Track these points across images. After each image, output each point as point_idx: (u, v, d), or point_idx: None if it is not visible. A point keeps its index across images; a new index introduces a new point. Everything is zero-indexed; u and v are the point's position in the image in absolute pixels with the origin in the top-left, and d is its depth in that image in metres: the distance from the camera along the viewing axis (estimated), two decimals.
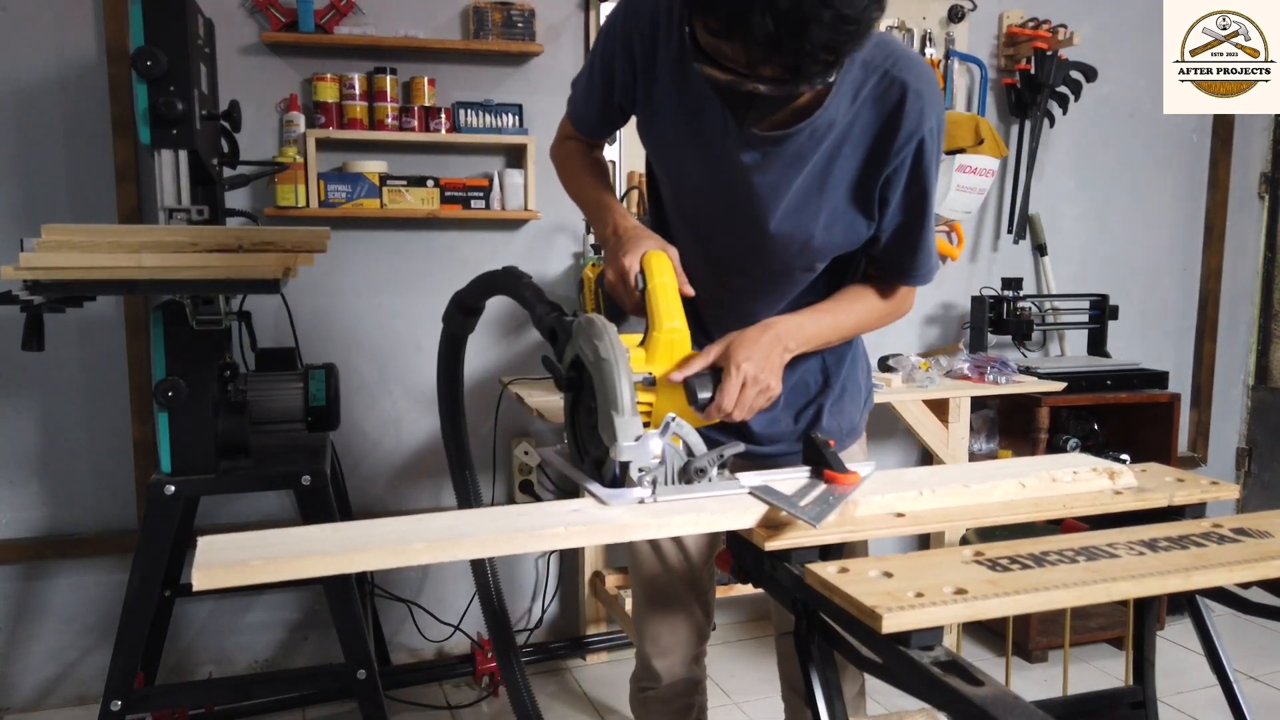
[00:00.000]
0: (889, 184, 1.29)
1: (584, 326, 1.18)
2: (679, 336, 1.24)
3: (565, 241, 2.86)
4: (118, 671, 1.90)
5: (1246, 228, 3.64)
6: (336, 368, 2.18)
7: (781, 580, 1.10)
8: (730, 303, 1.43)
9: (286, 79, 2.59)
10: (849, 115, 1.25)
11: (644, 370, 1.22)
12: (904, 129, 1.24)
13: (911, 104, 1.23)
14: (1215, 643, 1.28)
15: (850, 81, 1.23)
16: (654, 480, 1.13)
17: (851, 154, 1.27)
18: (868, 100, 1.24)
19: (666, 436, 1.15)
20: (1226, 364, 3.67)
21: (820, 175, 1.28)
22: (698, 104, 1.27)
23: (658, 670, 1.64)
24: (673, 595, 1.62)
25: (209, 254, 1.74)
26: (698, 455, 1.17)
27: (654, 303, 1.25)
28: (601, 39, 1.36)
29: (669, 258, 1.28)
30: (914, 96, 1.24)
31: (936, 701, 0.87)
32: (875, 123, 1.25)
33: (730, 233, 1.36)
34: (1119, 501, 1.24)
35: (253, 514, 2.69)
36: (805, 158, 1.27)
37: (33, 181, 2.45)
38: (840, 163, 1.27)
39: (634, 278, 1.26)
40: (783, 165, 1.27)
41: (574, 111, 1.47)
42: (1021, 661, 2.90)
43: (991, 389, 2.78)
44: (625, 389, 1.10)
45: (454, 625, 2.86)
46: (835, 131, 1.25)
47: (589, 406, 1.18)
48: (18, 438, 2.52)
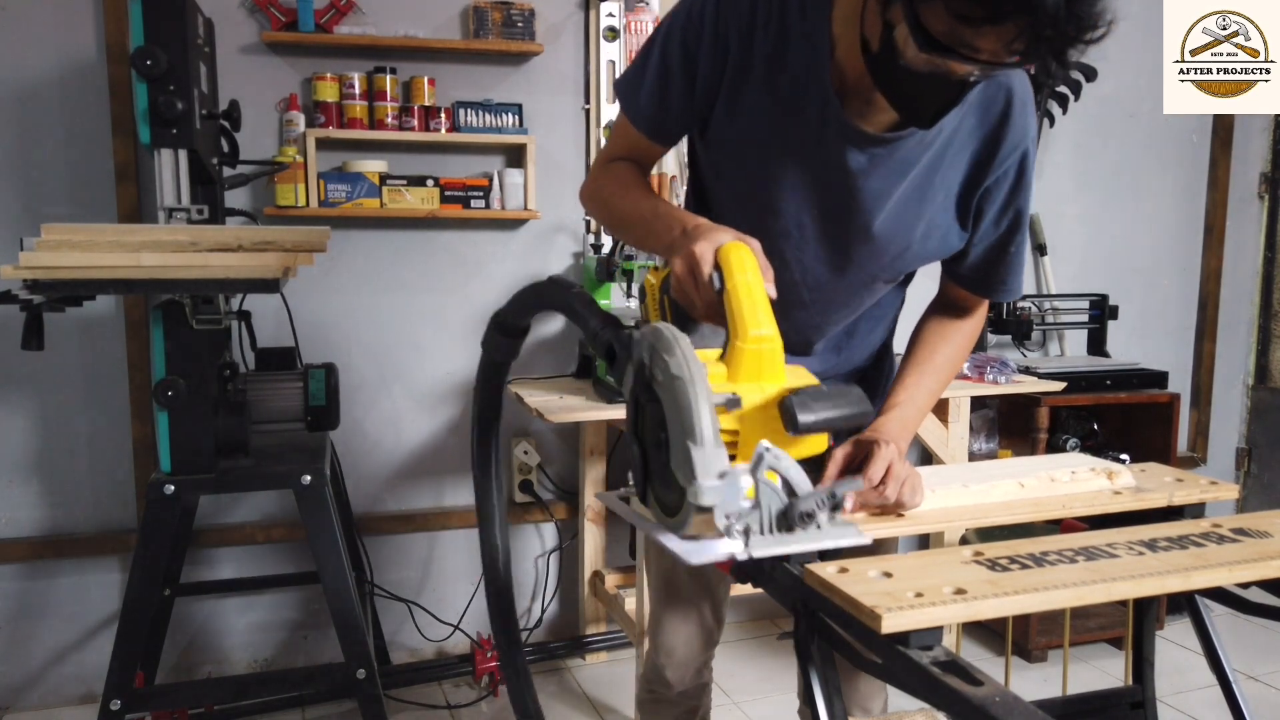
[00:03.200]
0: (988, 195, 1.23)
1: (649, 339, 0.93)
2: (769, 346, 0.97)
3: (565, 241, 2.86)
4: (117, 671, 1.90)
5: (1246, 228, 3.64)
6: (336, 367, 2.18)
7: (781, 580, 1.10)
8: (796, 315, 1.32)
9: (286, 78, 2.59)
10: (955, 120, 1.18)
11: (726, 389, 0.95)
12: (1009, 138, 1.20)
13: (1018, 113, 1.19)
14: (1215, 643, 1.28)
15: None
16: (746, 529, 0.92)
17: (955, 161, 1.21)
18: (974, 106, 1.18)
19: (761, 472, 0.91)
20: (1226, 364, 3.67)
21: (923, 182, 1.22)
22: (795, 101, 1.18)
23: (670, 679, 1.63)
24: (687, 600, 1.60)
25: (209, 254, 1.74)
26: (802, 495, 0.93)
27: (736, 304, 0.98)
28: (681, 28, 1.20)
29: (752, 250, 1.03)
30: (1020, 104, 1.19)
31: (936, 701, 0.87)
32: (980, 129, 1.20)
33: (822, 240, 1.26)
34: (1118, 501, 1.24)
35: (252, 514, 2.69)
36: (912, 163, 1.20)
37: (33, 181, 2.45)
38: (944, 170, 1.22)
39: (708, 272, 1.02)
40: (889, 170, 1.20)
41: (641, 111, 1.26)
42: (1021, 661, 2.90)
43: (991, 389, 2.78)
44: (705, 413, 0.86)
45: (454, 625, 2.86)
46: (942, 137, 1.19)
47: (658, 439, 0.93)
48: (18, 437, 2.52)
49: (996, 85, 1.18)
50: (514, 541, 2.95)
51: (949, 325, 1.34)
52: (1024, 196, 1.25)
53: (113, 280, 1.70)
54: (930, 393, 1.30)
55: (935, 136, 1.19)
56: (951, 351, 1.33)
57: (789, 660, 1.21)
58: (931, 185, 1.22)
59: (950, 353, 1.33)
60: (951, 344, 1.33)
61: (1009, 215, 1.25)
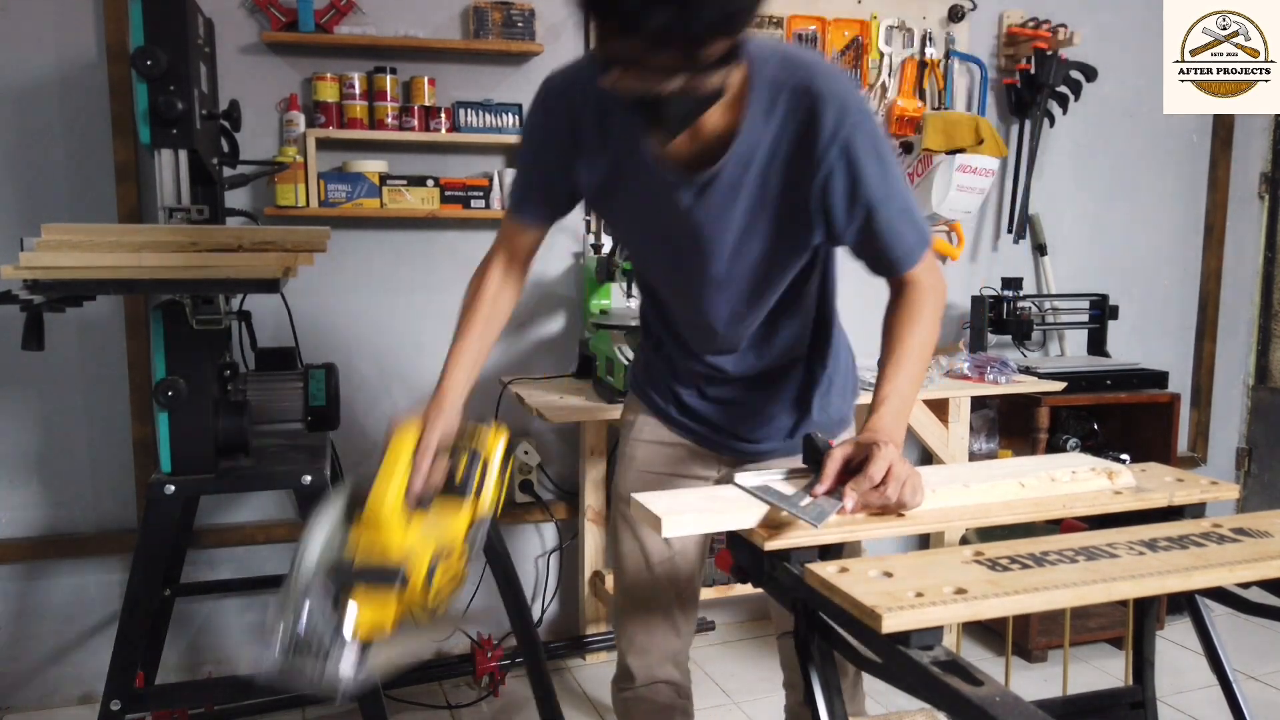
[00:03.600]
0: (827, 191, 1.28)
1: None
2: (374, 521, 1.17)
3: (565, 241, 2.86)
4: (117, 671, 1.90)
5: (1246, 228, 3.64)
6: (336, 367, 2.18)
7: (781, 580, 1.10)
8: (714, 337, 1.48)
9: (286, 78, 2.59)
10: (769, 135, 1.26)
11: None
12: (823, 135, 1.24)
13: (826, 110, 1.23)
14: (1215, 643, 1.28)
15: (762, 103, 1.25)
16: None
17: (781, 169, 1.28)
18: (784, 117, 1.25)
19: None
20: (1226, 364, 3.67)
21: (758, 196, 1.30)
22: (629, 167, 1.33)
23: (632, 669, 1.64)
24: (652, 595, 1.62)
25: (209, 254, 1.74)
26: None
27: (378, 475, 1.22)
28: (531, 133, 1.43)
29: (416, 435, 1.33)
30: (825, 101, 1.24)
31: (936, 701, 0.87)
32: (796, 135, 1.26)
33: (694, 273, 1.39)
34: (1118, 501, 1.24)
35: (252, 514, 2.69)
36: (740, 185, 1.29)
37: (33, 181, 2.45)
38: (772, 180, 1.29)
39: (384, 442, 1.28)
40: (720, 198, 1.30)
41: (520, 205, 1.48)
42: (1021, 661, 2.90)
43: (991, 389, 2.78)
44: None
45: (454, 625, 2.85)
46: (761, 153, 1.27)
47: None
48: (18, 437, 2.52)
49: (801, 91, 1.24)
50: (514, 541, 2.94)
51: (901, 312, 1.37)
52: (866, 184, 1.27)
53: (113, 280, 1.70)
54: (911, 379, 1.33)
55: (754, 154, 1.27)
56: (915, 334, 1.35)
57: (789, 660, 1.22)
58: (767, 196, 1.30)
59: (914, 336, 1.35)
60: (911, 327, 1.36)
61: (859, 204, 1.28)
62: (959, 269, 3.24)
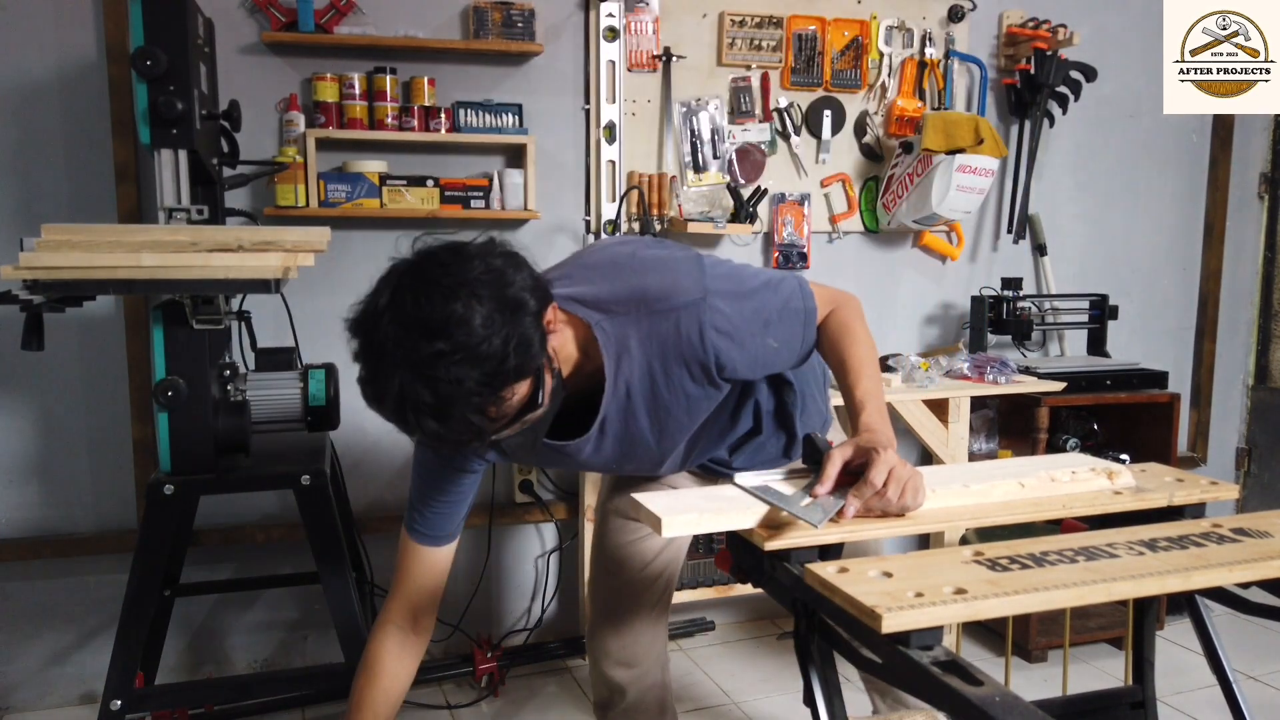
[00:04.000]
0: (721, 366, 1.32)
1: None
2: None
3: (565, 241, 2.86)
4: (117, 671, 1.90)
5: (1246, 228, 3.64)
6: (336, 367, 2.18)
7: (781, 580, 1.10)
8: None
9: (286, 79, 2.59)
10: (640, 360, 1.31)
11: None
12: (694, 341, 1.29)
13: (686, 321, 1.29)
14: (1215, 643, 1.28)
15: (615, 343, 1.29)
16: None
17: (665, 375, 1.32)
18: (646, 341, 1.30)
19: None
20: (1226, 364, 3.67)
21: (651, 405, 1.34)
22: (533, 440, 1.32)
23: (621, 683, 1.64)
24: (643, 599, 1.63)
25: (209, 254, 1.74)
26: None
27: None
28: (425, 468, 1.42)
29: None
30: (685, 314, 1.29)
31: (936, 701, 0.87)
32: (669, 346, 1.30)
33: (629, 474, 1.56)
34: (1118, 501, 1.24)
35: (252, 514, 2.69)
36: (634, 412, 1.34)
37: (33, 181, 2.45)
38: (662, 387, 1.33)
39: None
40: (620, 431, 1.36)
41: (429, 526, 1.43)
42: (1021, 661, 2.90)
43: (991, 389, 2.78)
44: None
45: (454, 625, 2.86)
46: (638, 376, 1.32)
47: None
48: (17, 437, 2.52)
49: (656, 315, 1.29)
50: (514, 541, 2.94)
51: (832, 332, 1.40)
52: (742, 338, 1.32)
53: (113, 280, 1.69)
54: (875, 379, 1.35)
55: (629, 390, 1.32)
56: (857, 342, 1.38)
57: (789, 660, 1.21)
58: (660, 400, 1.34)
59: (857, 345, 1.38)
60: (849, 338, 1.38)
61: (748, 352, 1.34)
62: (959, 269, 3.24)
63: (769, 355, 1.37)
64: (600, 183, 2.84)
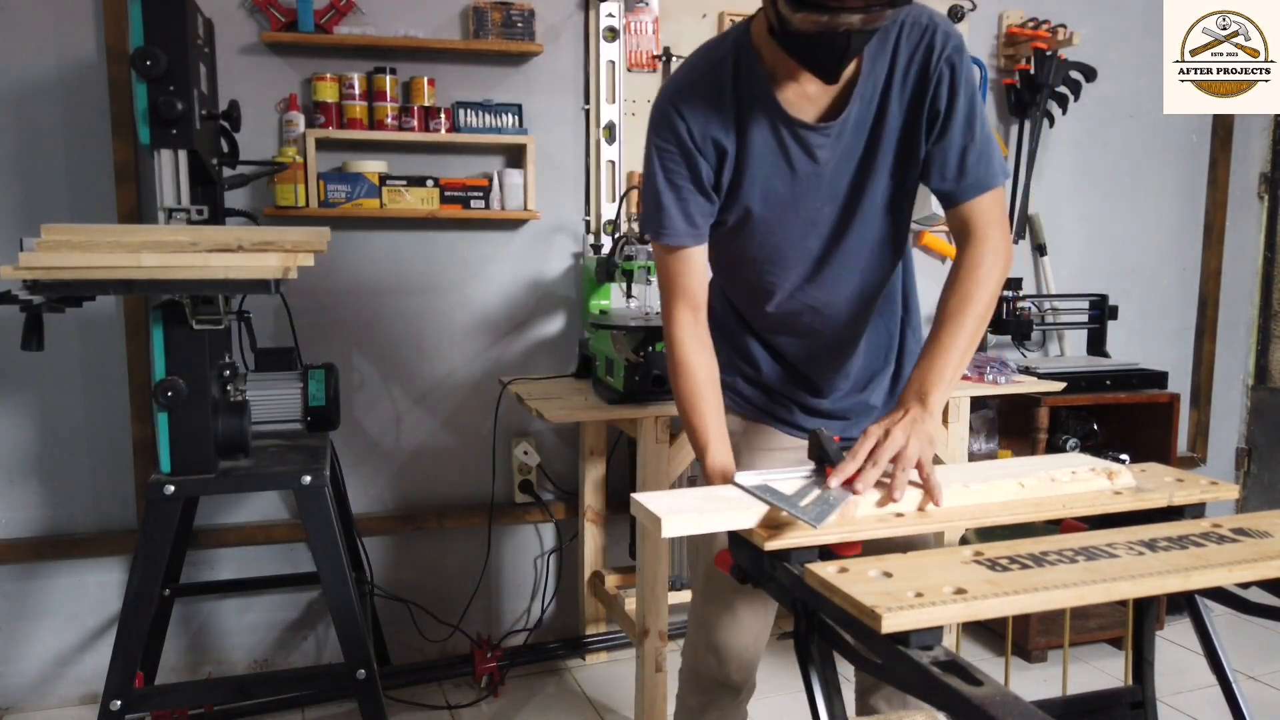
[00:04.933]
0: (935, 98, 1.37)
1: None
2: None
3: (565, 241, 2.86)
4: (117, 671, 1.90)
5: (1246, 228, 3.64)
6: (336, 368, 2.18)
7: (781, 580, 1.10)
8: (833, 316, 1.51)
9: (286, 79, 2.59)
10: (886, 66, 1.36)
11: None
12: (935, 55, 1.35)
13: (937, 35, 1.36)
14: (1215, 643, 1.28)
15: (879, 37, 1.33)
16: None
17: (897, 97, 1.37)
18: (902, 47, 1.36)
19: None
20: (1226, 364, 3.67)
21: (878, 126, 1.39)
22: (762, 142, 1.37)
23: (736, 682, 1.61)
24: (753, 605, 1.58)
25: (209, 254, 1.74)
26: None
27: None
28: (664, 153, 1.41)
29: None
30: (936, 29, 1.36)
31: (936, 701, 0.87)
32: (914, 62, 1.36)
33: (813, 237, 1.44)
34: (1118, 501, 1.24)
35: (252, 514, 2.69)
36: (865, 121, 1.38)
37: (33, 181, 2.45)
38: (890, 108, 1.38)
39: None
40: (851, 139, 1.38)
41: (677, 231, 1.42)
42: (1021, 661, 2.90)
43: (991, 389, 2.78)
44: None
45: (454, 625, 2.86)
46: (879, 86, 1.37)
47: None
48: (17, 437, 2.52)
49: (913, 23, 1.36)
50: (514, 542, 2.95)
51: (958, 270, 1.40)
52: (969, 91, 1.38)
53: (113, 280, 1.70)
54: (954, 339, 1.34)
55: (874, 91, 1.37)
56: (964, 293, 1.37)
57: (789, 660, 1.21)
58: (885, 126, 1.39)
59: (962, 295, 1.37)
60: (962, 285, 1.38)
61: (958, 110, 1.38)
62: None
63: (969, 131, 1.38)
64: (600, 183, 2.84)
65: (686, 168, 1.39)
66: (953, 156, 1.39)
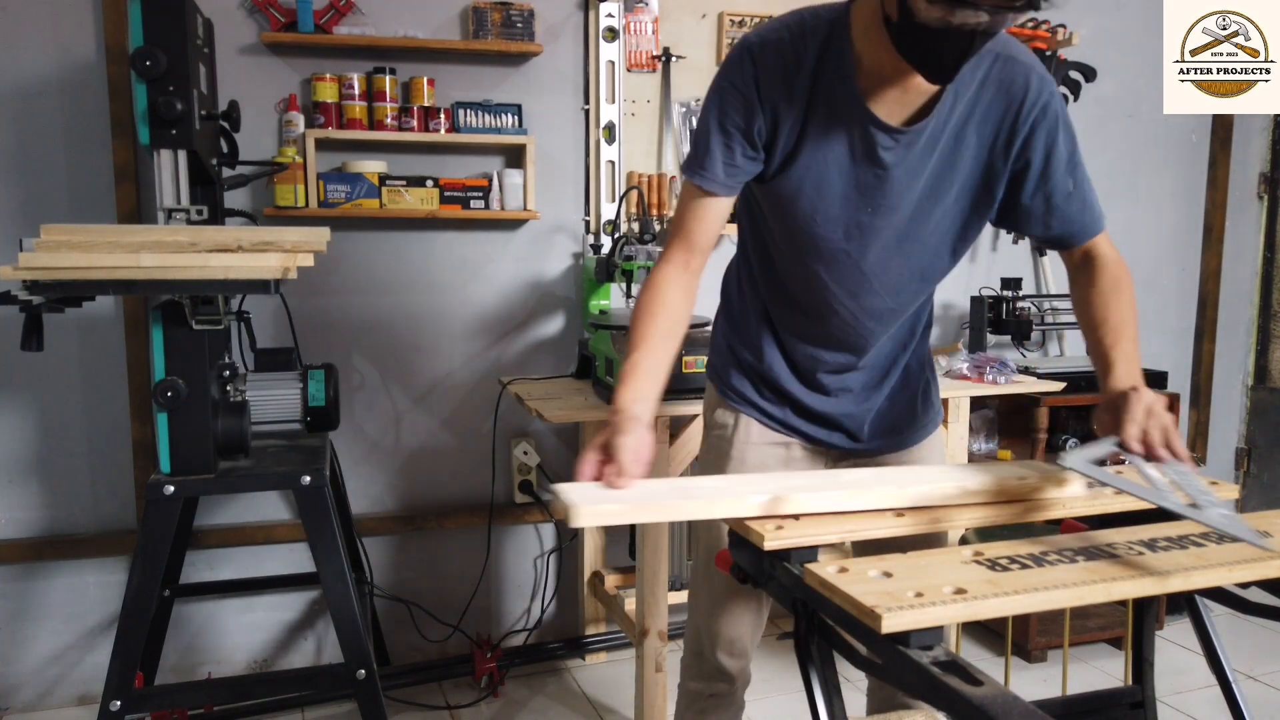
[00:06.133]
0: (1029, 148, 1.36)
1: None
2: None
3: (565, 241, 2.86)
4: (117, 672, 1.90)
5: (1245, 228, 3.64)
6: (336, 368, 2.18)
7: (781, 580, 1.10)
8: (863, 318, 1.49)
9: (286, 79, 2.59)
10: (969, 95, 1.34)
11: None
12: (1029, 99, 1.34)
13: (1031, 77, 1.34)
14: (1214, 643, 1.28)
15: (970, 66, 1.30)
16: None
17: (977, 130, 1.35)
18: (990, 82, 1.34)
19: None
20: (1225, 364, 3.67)
21: (950, 153, 1.36)
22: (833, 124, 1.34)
23: (731, 671, 1.63)
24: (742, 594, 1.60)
25: (208, 254, 1.74)
26: None
27: None
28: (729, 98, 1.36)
29: None
30: (1030, 70, 1.35)
31: (936, 701, 0.87)
32: (1000, 100, 1.35)
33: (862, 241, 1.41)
34: (1118, 502, 1.24)
35: (252, 514, 2.69)
36: (937, 141, 1.35)
37: (32, 181, 2.45)
38: (967, 139, 1.36)
39: None
40: (920, 153, 1.35)
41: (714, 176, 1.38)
42: (1021, 661, 2.90)
43: (991, 389, 2.78)
44: None
45: (454, 625, 2.86)
46: (959, 112, 1.34)
47: None
48: (17, 437, 2.52)
49: (1013, 62, 1.34)
50: (514, 542, 2.95)
51: (1104, 283, 1.45)
52: (1067, 147, 1.38)
53: (113, 280, 1.69)
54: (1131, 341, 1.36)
55: (952, 113, 1.33)
56: (1117, 302, 1.41)
57: (789, 660, 1.21)
58: (960, 155, 1.36)
59: (1117, 304, 1.41)
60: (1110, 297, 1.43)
61: (1059, 166, 1.37)
62: (958, 269, 3.21)
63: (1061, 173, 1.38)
64: (600, 183, 2.84)
65: (744, 117, 1.35)
66: (1057, 206, 1.40)
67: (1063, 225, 1.43)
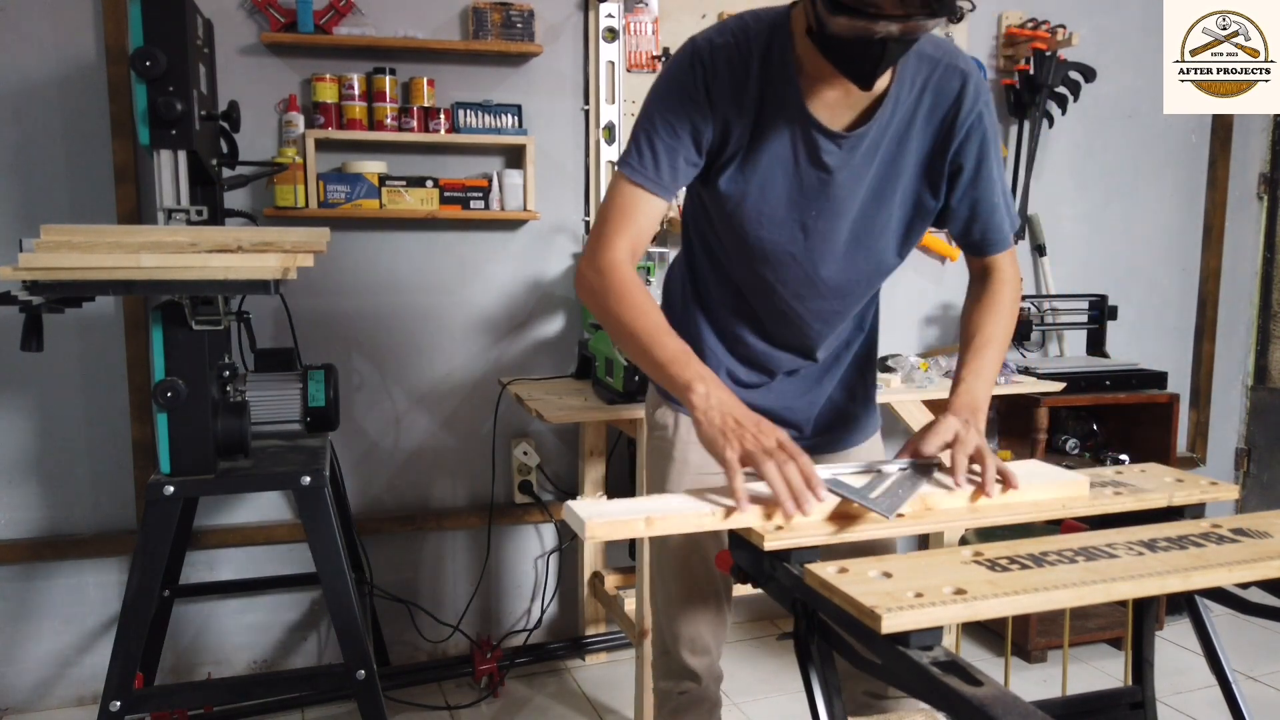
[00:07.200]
0: (961, 155, 1.40)
1: None
2: None
3: (564, 242, 2.86)
4: (117, 672, 1.90)
5: (1245, 228, 3.64)
6: (336, 368, 2.18)
7: (781, 580, 1.10)
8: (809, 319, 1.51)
9: (285, 79, 2.59)
10: (912, 103, 1.37)
11: None
12: (965, 107, 1.38)
13: (968, 87, 1.39)
14: (1214, 643, 1.28)
15: (911, 72, 1.36)
16: None
17: (918, 136, 1.39)
18: (930, 88, 1.37)
19: None
20: (1225, 364, 3.67)
21: (893, 158, 1.39)
22: (777, 130, 1.36)
23: (696, 670, 1.64)
24: (710, 590, 1.61)
25: (208, 254, 1.74)
26: None
27: None
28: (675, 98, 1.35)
29: None
30: (969, 80, 1.39)
31: (936, 701, 0.87)
32: (939, 106, 1.38)
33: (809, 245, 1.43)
34: (1118, 502, 1.24)
35: (252, 514, 2.69)
36: (879, 145, 1.37)
37: (32, 181, 2.45)
38: (909, 144, 1.39)
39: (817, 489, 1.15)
40: (863, 158, 1.37)
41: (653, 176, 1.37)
42: (1021, 661, 2.90)
43: None
44: None
45: (453, 625, 2.86)
46: (900, 117, 1.37)
47: None
48: (17, 438, 2.52)
49: (952, 69, 1.39)
50: (514, 542, 2.95)
51: (986, 299, 1.48)
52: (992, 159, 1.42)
53: (112, 281, 1.69)
54: (991, 361, 1.42)
55: (893, 119, 1.36)
56: (998, 321, 1.45)
57: (789, 660, 1.21)
58: (902, 159, 1.39)
59: (997, 323, 1.45)
60: (995, 314, 1.46)
61: (984, 176, 1.42)
62: (959, 270, 3.24)
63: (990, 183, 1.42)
64: (600, 183, 2.84)
65: (690, 119, 1.35)
66: (982, 215, 1.44)
67: (981, 233, 1.47)
